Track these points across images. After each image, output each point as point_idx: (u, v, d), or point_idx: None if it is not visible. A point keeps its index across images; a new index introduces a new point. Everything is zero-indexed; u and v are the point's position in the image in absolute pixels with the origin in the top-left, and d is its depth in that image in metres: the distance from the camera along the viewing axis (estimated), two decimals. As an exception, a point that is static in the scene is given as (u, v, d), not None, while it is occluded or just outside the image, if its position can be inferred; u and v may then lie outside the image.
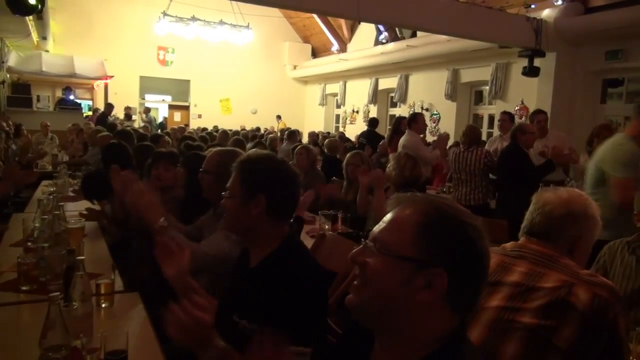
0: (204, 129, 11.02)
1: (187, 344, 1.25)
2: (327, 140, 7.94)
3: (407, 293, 0.87)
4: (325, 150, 7.18)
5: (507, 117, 6.22)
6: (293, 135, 8.47)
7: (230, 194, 1.60)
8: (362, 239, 0.97)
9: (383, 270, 0.89)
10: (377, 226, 0.96)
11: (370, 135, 8.21)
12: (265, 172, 1.58)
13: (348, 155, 4.22)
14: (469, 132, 4.93)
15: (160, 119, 15.48)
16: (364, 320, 0.95)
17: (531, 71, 8.08)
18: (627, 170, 2.71)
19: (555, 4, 8.24)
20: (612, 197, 2.69)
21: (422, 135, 6.15)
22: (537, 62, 8.04)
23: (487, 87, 10.14)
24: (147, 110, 14.10)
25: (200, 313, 1.23)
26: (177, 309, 1.22)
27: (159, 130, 10.20)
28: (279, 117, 15.68)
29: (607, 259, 2.16)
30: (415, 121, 5.68)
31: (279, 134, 10.81)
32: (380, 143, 7.06)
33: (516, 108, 9.37)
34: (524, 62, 8.13)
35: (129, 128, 7.38)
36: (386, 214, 0.96)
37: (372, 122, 8.73)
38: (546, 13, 8.08)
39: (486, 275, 0.92)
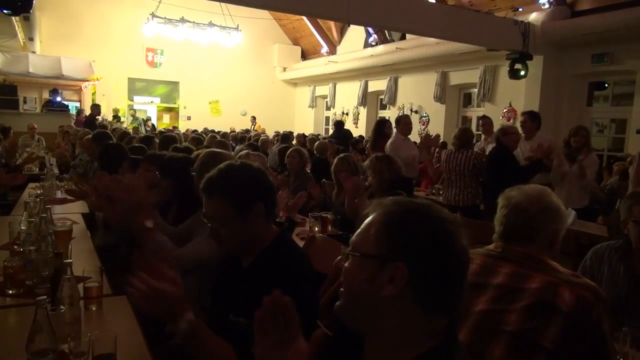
0: (194, 131, 10.98)
1: (155, 315, 1.28)
2: (317, 142, 7.97)
3: (374, 290, 0.89)
4: (315, 152, 7.21)
5: (489, 121, 6.36)
6: (286, 138, 8.46)
7: (222, 222, 1.52)
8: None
9: (352, 270, 0.94)
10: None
11: (340, 136, 9.18)
12: (254, 180, 1.57)
13: (335, 160, 4.22)
14: (461, 134, 4.98)
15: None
16: (349, 323, 0.98)
17: (519, 74, 8.17)
18: None
19: (543, 7, 8.33)
20: None
21: (409, 136, 6.16)
22: (523, 64, 8.13)
23: (476, 90, 10.22)
24: (133, 113, 13.96)
25: (164, 285, 1.23)
26: (139, 280, 1.22)
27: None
28: (253, 118, 15.57)
29: (593, 263, 2.17)
30: (399, 123, 5.78)
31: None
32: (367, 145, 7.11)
33: (504, 110, 9.46)
34: (509, 65, 8.23)
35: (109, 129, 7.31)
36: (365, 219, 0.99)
37: (340, 124, 10.21)
38: (533, 16, 8.17)
39: (459, 271, 0.91)
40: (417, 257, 0.87)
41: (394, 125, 5.89)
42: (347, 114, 14.59)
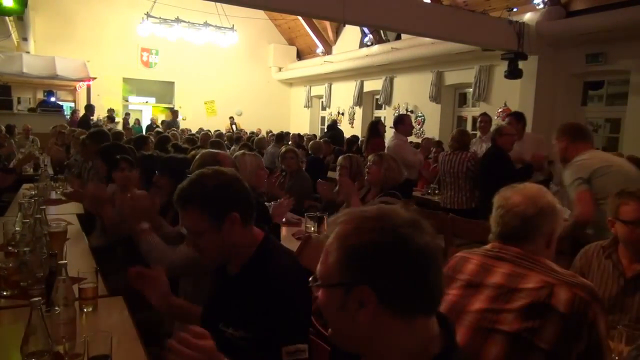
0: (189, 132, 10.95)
1: None
2: (311, 142, 8.02)
3: (349, 318, 0.88)
4: (310, 151, 7.24)
5: (488, 118, 6.37)
6: (281, 138, 8.47)
7: (198, 233, 1.49)
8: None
9: (324, 301, 0.93)
10: None
11: (333, 136, 9.39)
12: (226, 188, 1.50)
13: (340, 158, 4.21)
14: (459, 137, 4.96)
15: (146, 121, 15.37)
16: (344, 349, 0.97)
17: (514, 73, 8.19)
18: None
19: (537, 7, 8.36)
20: None
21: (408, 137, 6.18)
22: (519, 64, 8.15)
23: (471, 90, 10.24)
24: (176, 114, 13.71)
25: (201, 341, 1.19)
26: (177, 344, 1.18)
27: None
28: (232, 117, 15.44)
29: (583, 264, 2.17)
30: (402, 123, 5.59)
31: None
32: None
33: (499, 110, 9.48)
34: (507, 65, 8.25)
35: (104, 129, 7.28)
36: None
37: (334, 124, 10.76)
38: (528, 16, 8.19)
39: (425, 270, 0.88)
40: (376, 275, 0.86)
41: (390, 125, 5.89)
42: (342, 113, 14.59)
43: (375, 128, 6.03)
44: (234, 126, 15.12)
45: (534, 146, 4.85)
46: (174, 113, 13.69)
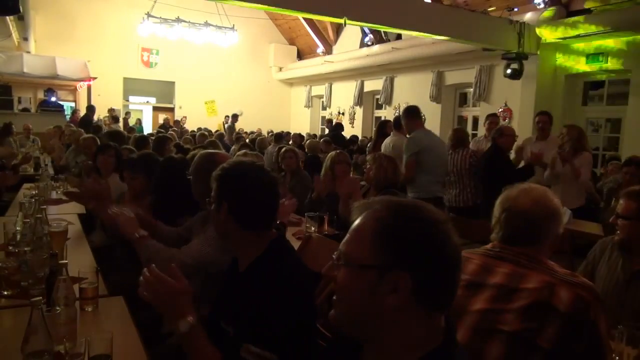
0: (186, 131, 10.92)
1: (159, 310, 1.35)
2: (307, 141, 8.03)
3: (376, 301, 0.87)
4: (307, 150, 7.26)
5: (496, 119, 6.38)
6: (279, 137, 8.47)
7: (212, 201, 1.64)
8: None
9: (349, 282, 0.90)
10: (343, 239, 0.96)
11: (334, 135, 9.38)
12: (228, 180, 1.60)
13: (334, 153, 4.21)
14: (455, 135, 5.05)
15: (147, 121, 15.36)
16: (347, 333, 0.96)
17: (514, 74, 8.19)
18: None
19: (538, 7, 8.36)
20: None
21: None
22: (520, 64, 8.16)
23: (472, 89, 10.24)
24: (235, 118, 13.33)
25: (173, 281, 1.32)
26: (150, 274, 1.31)
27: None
28: (227, 117, 14.76)
29: (597, 255, 2.19)
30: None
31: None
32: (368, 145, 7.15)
33: (500, 110, 9.48)
34: (507, 65, 8.25)
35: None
36: (352, 222, 0.95)
37: (337, 126, 10.30)
38: (528, 16, 8.19)
39: (456, 269, 0.90)
40: (418, 263, 0.86)
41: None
42: (343, 113, 14.58)
43: (383, 130, 6.06)
44: (226, 125, 15.01)
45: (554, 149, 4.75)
46: (234, 117, 13.47)
